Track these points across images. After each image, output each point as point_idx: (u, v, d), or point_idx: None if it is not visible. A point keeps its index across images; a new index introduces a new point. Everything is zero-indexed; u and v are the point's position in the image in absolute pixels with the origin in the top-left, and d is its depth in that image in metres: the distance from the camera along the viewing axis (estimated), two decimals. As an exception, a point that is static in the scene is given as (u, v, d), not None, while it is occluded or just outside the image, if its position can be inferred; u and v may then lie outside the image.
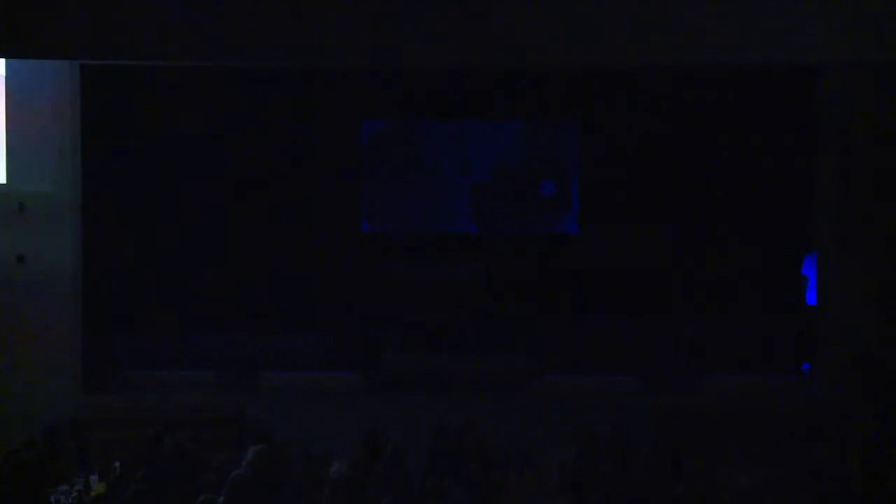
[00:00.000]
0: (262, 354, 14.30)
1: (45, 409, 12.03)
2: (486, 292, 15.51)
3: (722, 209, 15.03)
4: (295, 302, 15.39)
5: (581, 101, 15.42)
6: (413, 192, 16.02)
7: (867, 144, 12.68)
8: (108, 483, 9.97)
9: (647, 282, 15.20)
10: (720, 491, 9.23)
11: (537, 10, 11.61)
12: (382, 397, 13.05)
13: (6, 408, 12.17)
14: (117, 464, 10.18)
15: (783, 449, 11.16)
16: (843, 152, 12.82)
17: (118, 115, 14.55)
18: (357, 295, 15.56)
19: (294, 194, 15.66)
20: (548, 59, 12.27)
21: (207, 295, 14.86)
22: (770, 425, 12.07)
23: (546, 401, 12.79)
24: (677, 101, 15.01)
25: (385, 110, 15.87)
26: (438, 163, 16.01)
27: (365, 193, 16.04)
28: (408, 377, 13.62)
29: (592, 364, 13.94)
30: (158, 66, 13.53)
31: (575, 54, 11.93)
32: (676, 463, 9.92)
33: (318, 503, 9.08)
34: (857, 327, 12.62)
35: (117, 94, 14.27)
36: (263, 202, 15.58)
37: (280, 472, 9.69)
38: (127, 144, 14.80)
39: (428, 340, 14.43)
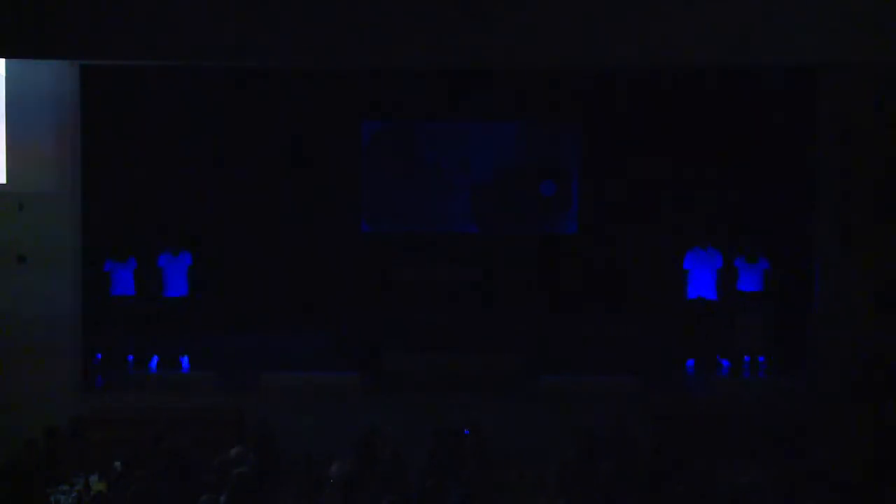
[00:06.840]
0: (262, 354, 14.31)
1: (45, 409, 12.02)
2: (485, 292, 15.52)
3: (722, 209, 15.03)
4: (295, 302, 15.41)
5: (582, 102, 15.44)
6: (413, 192, 16.02)
7: (867, 144, 12.66)
8: (108, 483, 9.96)
9: (647, 282, 15.21)
10: (720, 491, 9.22)
11: (538, 11, 11.61)
12: (382, 397, 13.04)
13: (6, 408, 12.16)
14: (117, 464, 10.17)
15: (783, 449, 11.17)
16: (842, 153, 12.80)
17: (118, 115, 14.56)
18: (357, 295, 15.57)
19: (294, 194, 15.68)
20: (548, 60, 12.27)
21: (207, 295, 14.86)
22: (770, 425, 12.06)
23: (546, 401, 12.78)
24: (677, 101, 15.02)
25: (385, 110, 15.88)
26: (438, 163, 16.02)
27: (365, 193, 16.06)
28: (408, 377, 13.61)
29: (592, 364, 13.94)
30: (158, 66, 13.53)
31: (574, 54, 11.93)
32: (676, 463, 9.92)
33: (318, 503, 9.08)
34: (857, 329, 12.60)
35: (117, 94, 14.27)
36: (263, 202, 15.61)
37: (280, 472, 9.69)
38: (127, 144, 14.81)
39: (428, 340, 14.42)
